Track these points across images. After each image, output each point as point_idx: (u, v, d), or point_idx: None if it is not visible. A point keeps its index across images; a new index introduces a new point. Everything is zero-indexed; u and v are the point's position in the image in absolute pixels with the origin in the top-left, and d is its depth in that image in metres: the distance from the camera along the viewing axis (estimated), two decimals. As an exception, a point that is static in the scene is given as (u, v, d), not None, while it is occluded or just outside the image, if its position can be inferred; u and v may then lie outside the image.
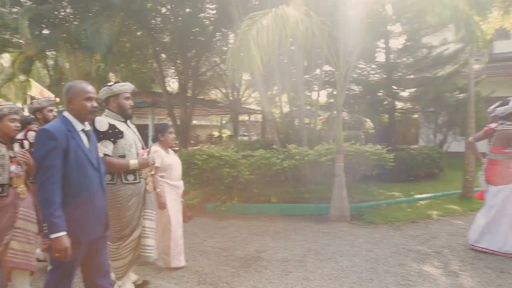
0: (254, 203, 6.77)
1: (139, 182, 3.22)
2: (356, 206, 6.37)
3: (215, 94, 23.22)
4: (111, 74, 3.20)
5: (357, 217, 5.98)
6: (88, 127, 2.51)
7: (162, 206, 3.79)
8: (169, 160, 4.04)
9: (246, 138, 19.91)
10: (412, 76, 10.65)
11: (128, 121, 3.35)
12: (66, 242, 2.18)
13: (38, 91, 9.84)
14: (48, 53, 9.64)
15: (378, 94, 10.85)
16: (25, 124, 4.28)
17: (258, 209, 6.62)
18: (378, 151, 6.31)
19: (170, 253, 4.04)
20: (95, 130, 2.95)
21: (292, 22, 4.85)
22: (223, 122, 31.42)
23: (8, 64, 13.63)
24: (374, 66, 11.27)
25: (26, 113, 4.71)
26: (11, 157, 3.17)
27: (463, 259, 4.18)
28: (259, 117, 23.17)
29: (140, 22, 11.37)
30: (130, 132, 3.26)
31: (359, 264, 4.12)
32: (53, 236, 2.16)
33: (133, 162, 3.12)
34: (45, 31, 8.90)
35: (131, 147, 3.19)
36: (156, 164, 3.78)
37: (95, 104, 2.47)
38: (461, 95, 9.42)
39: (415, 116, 14.20)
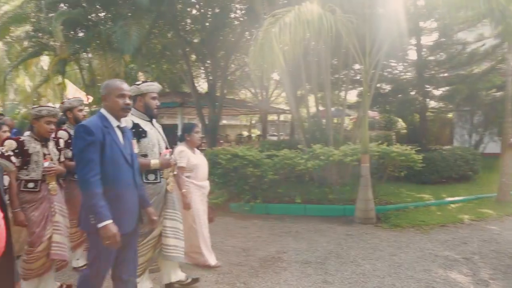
0: (278, 203, 6.72)
1: (159, 182, 3.21)
2: (382, 208, 6.18)
3: (245, 94, 23.32)
4: (140, 74, 3.26)
5: (383, 220, 5.79)
6: (123, 124, 2.59)
7: (187, 206, 3.77)
8: (195, 160, 4.00)
9: (274, 138, 19.85)
10: (445, 74, 10.22)
11: (154, 121, 3.35)
12: (114, 228, 2.27)
13: (72, 91, 10.26)
14: (81, 55, 9.98)
15: (410, 93, 10.49)
16: (58, 124, 4.47)
17: (282, 209, 6.57)
18: (405, 151, 6.09)
19: (202, 252, 4.04)
20: None
21: (316, 19, 4.76)
22: (253, 122, 31.50)
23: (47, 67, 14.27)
24: (405, 64, 10.91)
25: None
26: (45, 154, 3.32)
27: (495, 267, 3.96)
28: (288, 116, 23.01)
29: (170, 24, 11.58)
30: (154, 132, 3.26)
31: (381, 268, 3.98)
32: (101, 225, 2.25)
33: (154, 161, 3.11)
34: (79, 34, 9.21)
35: (154, 147, 3.20)
36: (182, 164, 3.78)
37: (127, 101, 2.52)
38: (498, 93, 8.96)
39: (450, 115, 13.67)
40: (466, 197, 6.99)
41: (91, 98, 10.64)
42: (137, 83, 3.29)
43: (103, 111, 2.53)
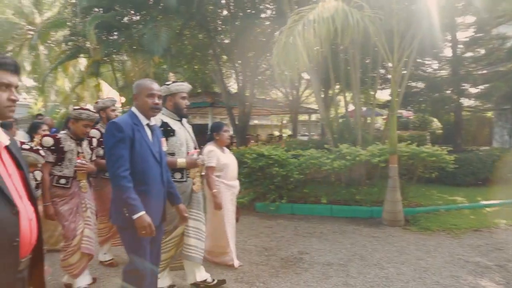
0: (303, 203, 6.65)
1: (185, 181, 3.24)
2: (412, 210, 5.97)
3: (276, 93, 23.25)
4: (171, 74, 3.33)
5: (411, 222, 5.59)
6: (152, 122, 2.66)
7: (218, 206, 3.75)
8: (225, 160, 3.96)
9: (305, 138, 19.68)
10: (483, 71, 9.72)
11: (184, 121, 3.37)
12: (147, 219, 2.35)
13: (107, 92, 10.65)
14: (114, 56, 10.31)
15: (444, 91, 10.07)
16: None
17: (307, 209, 6.49)
18: (436, 152, 5.85)
19: (229, 252, 4.05)
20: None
21: (341, 16, 4.67)
22: (284, 122, 31.36)
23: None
24: (439, 61, 10.48)
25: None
26: (78, 153, 3.48)
27: (530, 275, 3.72)
28: (319, 116, 22.71)
29: (200, 25, 11.77)
30: (182, 131, 3.29)
31: (406, 272, 3.85)
32: (135, 216, 2.33)
33: (181, 160, 3.15)
34: (111, 37, 9.53)
35: (182, 146, 3.22)
36: (212, 164, 3.78)
37: (156, 101, 2.58)
38: (541, 91, 8.41)
39: (489, 114, 13.02)
40: (503, 200, 6.62)
41: (124, 99, 11.00)
42: (167, 83, 3.32)
43: (133, 109, 2.61)
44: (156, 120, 3.06)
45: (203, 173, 3.45)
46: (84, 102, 20.53)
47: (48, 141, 3.36)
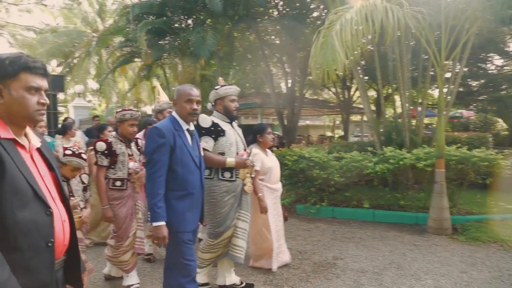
0: (345, 207, 6.48)
1: (234, 181, 3.26)
2: (461, 218, 5.57)
3: (328, 94, 22.82)
4: (220, 78, 3.42)
5: (459, 232, 5.22)
6: (192, 127, 2.73)
7: (264, 210, 3.71)
8: (269, 163, 3.94)
9: (356, 139, 19.12)
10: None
11: (234, 123, 3.43)
12: (165, 231, 2.44)
13: (164, 95, 11.16)
14: (166, 60, 10.76)
15: (507, 89, 9.26)
16: (146, 124, 4.86)
17: (348, 213, 6.32)
18: (490, 156, 5.40)
19: (268, 256, 4.00)
20: (198, 126, 3.11)
21: (381, 13, 4.49)
22: (337, 122, 30.72)
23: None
24: (504, 56, 9.66)
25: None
26: (129, 155, 3.60)
27: None
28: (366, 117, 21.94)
29: (250, 27, 11.91)
30: (232, 133, 3.33)
31: (444, 285, 3.61)
32: (155, 224, 2.43)
33: (230, 159, 3.18)
34: (162, 41, 9.97)
35: (231, 146, 3.25)
36: (257, 168, 3.75)
37: (195, 106, 2.63)
38: None
39: None
40: None
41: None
42: (216, 87, 3.38)
43: (174, 114, 2.68)
44: (206, 121, 3.19)
45: (253, 175, 3.47)
46: (142, 103, 21.74)
47: (101, 145, 3.48)
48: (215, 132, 3.20)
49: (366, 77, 12.77)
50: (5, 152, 1.31)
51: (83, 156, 3.25)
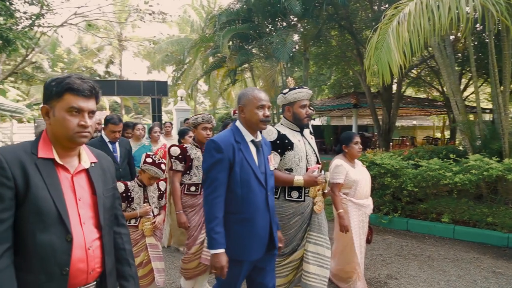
0: (421, 220, 5.86)
1: (303, 201, 2.83)
2: None
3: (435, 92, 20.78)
4: (289, 79, 3.34)
5: (559, 261, 4.30)
6: (259, 137, 2.36)
7: (344, 229, 3.35)
8: (354, 176, 3.51)
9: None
10: None
11: (305, 131, 2.99)
12: (223, 260, 2.11)
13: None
14: (252, 64, 11.09)
15: None
16: (225, 126, 4.98)
17: (424, 227, 5.70)
18: None
19: (354, 278, 3.66)
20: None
21: (446, 4, 3.95)
22: (447, 123, 27.66)
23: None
24: None
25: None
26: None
27: None
28: (487, 117, 19.30)
29: (340, 25, 11.56)
30: (302, 144, 2.89)
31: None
32: (212, 252, 2.12)
33: (298, 178, 2.73)
34: (247, 46, 10.30)
35: (300, 161, 2.82)
36: (339, 181, 3.44)
37: (267, 113, 2.30)
38: None
39: None
40: None
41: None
42: (284, 91, 2.95)
43: (238, 124, 2.33)
44: (271, 132, 2.81)
45: (325, 191, 2.96)
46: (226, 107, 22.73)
47: (175, 150, 3.46)
48: (282, 145, 2.78)
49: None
50: (36, 172, 1.31)
51: (162, 167, 3.20)
